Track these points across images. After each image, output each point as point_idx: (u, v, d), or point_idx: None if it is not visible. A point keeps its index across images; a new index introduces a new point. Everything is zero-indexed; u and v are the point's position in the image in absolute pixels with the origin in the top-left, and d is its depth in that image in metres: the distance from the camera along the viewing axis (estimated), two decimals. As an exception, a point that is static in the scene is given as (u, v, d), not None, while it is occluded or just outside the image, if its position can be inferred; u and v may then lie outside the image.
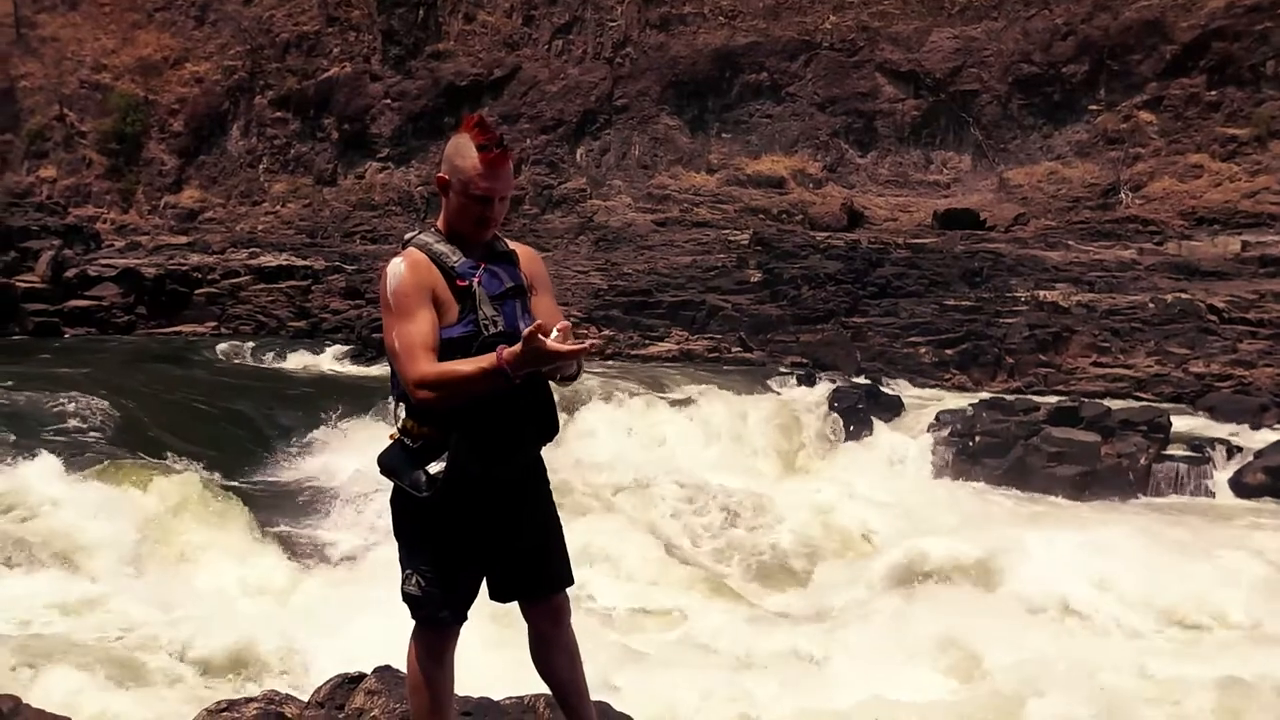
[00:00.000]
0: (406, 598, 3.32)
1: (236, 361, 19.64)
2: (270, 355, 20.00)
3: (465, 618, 3.37)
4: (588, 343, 3.00)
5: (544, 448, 3.41)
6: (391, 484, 3.26)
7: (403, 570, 3.31)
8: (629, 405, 15.32)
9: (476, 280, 3.15)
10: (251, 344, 20.82)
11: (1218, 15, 23.72)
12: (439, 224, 3.27)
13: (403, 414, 3.19)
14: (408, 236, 3.28)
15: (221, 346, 20.50)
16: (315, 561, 9.41)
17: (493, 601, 3.43)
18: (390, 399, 3.28)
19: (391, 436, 3.24)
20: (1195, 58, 23.98)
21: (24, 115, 30.20)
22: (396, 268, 3.15)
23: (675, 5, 27.95)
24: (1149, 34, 24.40)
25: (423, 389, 3.02)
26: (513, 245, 3.37)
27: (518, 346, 2.93)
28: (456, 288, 3.14)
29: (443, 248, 3.20)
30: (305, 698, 4.73)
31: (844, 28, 26.91)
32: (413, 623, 3.39)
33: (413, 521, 3.26)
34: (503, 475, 3.22)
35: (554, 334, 2.97)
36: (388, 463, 3.23)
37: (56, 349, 19.48)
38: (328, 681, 4.71)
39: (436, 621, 3.33)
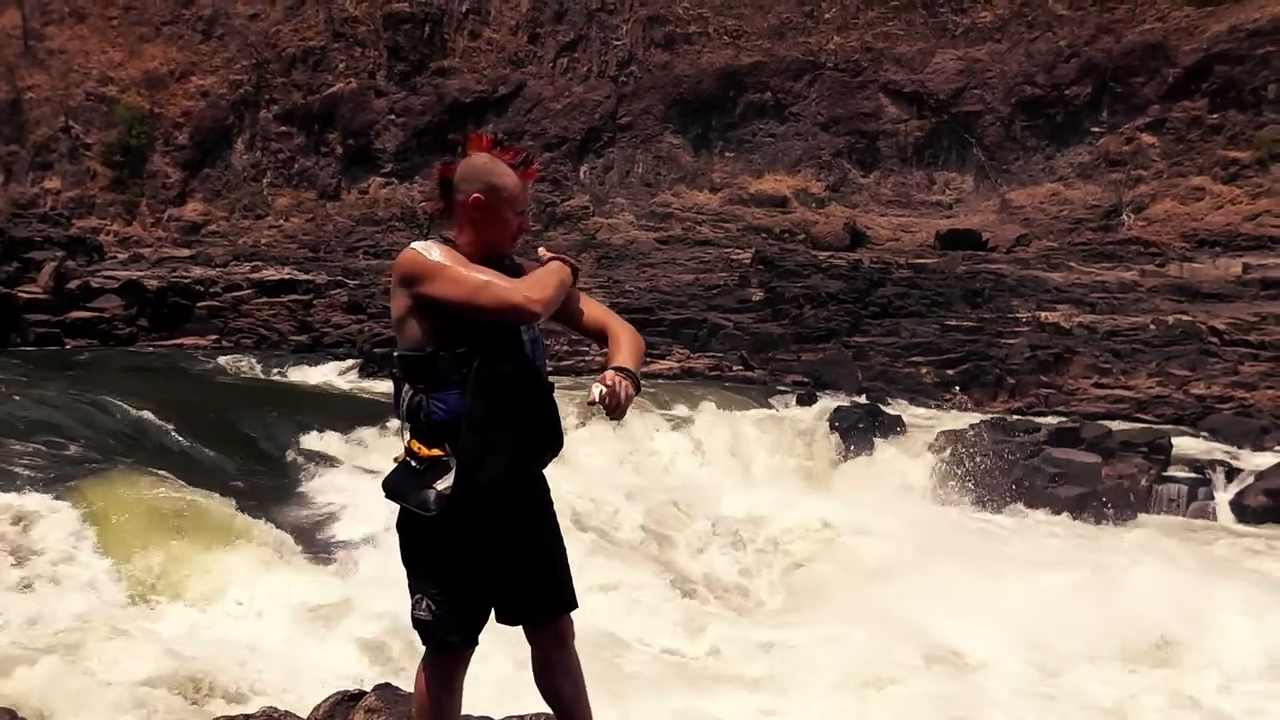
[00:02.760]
0: (417, 623, 3.28)
1: (237, 375, 19.62)
2: (271, 369, 19.98)
3: (476, 641, 3.33)
4: (598, 394, 3.07)
5: (549, 463, 3.41)
6: (398, 508, 3.25)
7: (412, 595, 3.27)
8: (628, 423, 15.28)
9: None
10: (253, 358, 20.80)
11: (1220, 39, 23.82)
12: (459, 241, 3.23)
13: (408, 436, 3.19)
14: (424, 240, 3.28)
15: (223, 360, 20.48)
16: (315, 575, 9.38)
17: (499, 624, 3.41)
18: (398, 420, 3.26)
19: (396, 459, 3.23)
20: (1197, 81, 24.09)
21: (30, 126, 30.33)
22: (425, 243, 3.20)
23: (680, 24, 28.08)
24: (1152, 57, 24.51)
25: (537, 295, 3.09)
26: (520, 260, 3.39)
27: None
28: None
29: (456, 254, 3.20)
30: (304, 714, 4.72)
31: (848, 48, 27.03)
32: (423, 647, 3.36)
33: (421, 544, 3.23)
34: (511, 490, 3.21)
35: (598, 390, 3.06)
36: (394, 486, 3.20)
37: (57, 360, 19.48)
38: (327, 698, 4.70)
39: (447, 646, 3.29)
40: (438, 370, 3.13)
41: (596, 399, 3.05)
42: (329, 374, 19.68)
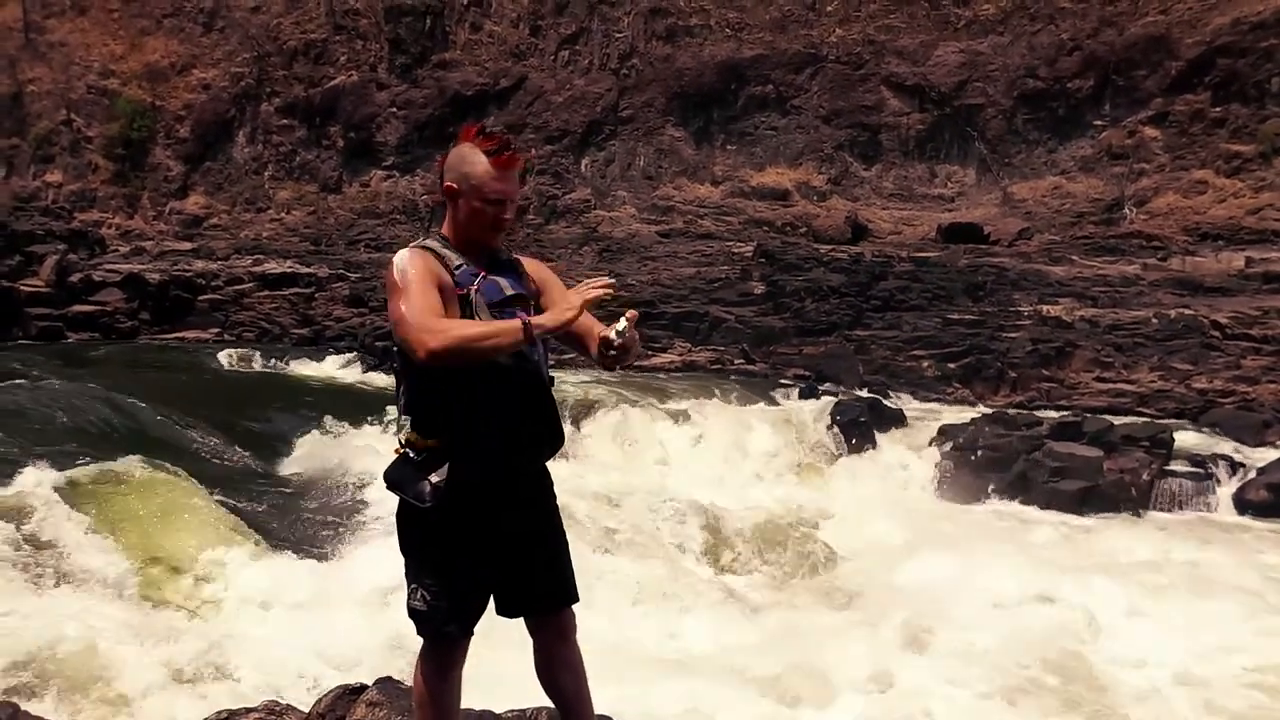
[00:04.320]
0: (412, 613, 3.30)
1: (239, 368, 19.64)
2: (273, 362, 20.00)
3: (472, 632, 3.35)
4: (620, 327, 3.09)
5: (549, 460, 3.41)
6: (397, 498, 3.26)
7: (408, 585, 3.30)
8: (630, 416, 15.30)
9: (474, 289, 3.17)
10: (254, 351, 20.81)
11: (1223, 32, 23.74)
12: (445, 232, 3.29)
13: (407, 427, 3.20)
14: (413, 244, 3.30)
15: (224, 353, 20.49)
16: (316, 568, 9.38)
17: (499, 617, 3.42)
18: (398, 412, 3.27)
19: (396, 451, 3.24)
20: (1200, 74, 24.01)
21: (31, 120, 30.30)
22: (406, 254, 3.20)
23: (681, 17, 28.01)
24: (1154, 50, 24.43)
25: (435, 337, 2.97)
26: (518, 256, 3.40)
27: (552, 317, 3.07)
28: (457, 295, 3.17)
29: (447, 253, 3.22)
30: (306, 708, 4.72)
31: (850, 41, 26.96)
32: (419, 639, 3.37)
33: (417, 535, 3.25)
34: (506, 484, 3.21)
35: (621, 324, 3.10)
36: (393, 477, 3.23)
37: (59, 354, 19.48)
38: (329, 692, 4.70)
39: (443, 636, 3.31)
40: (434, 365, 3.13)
41: (618, 332, 3.04)
42: (330, 367, 19.70)
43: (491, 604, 3.37)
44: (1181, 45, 24.19)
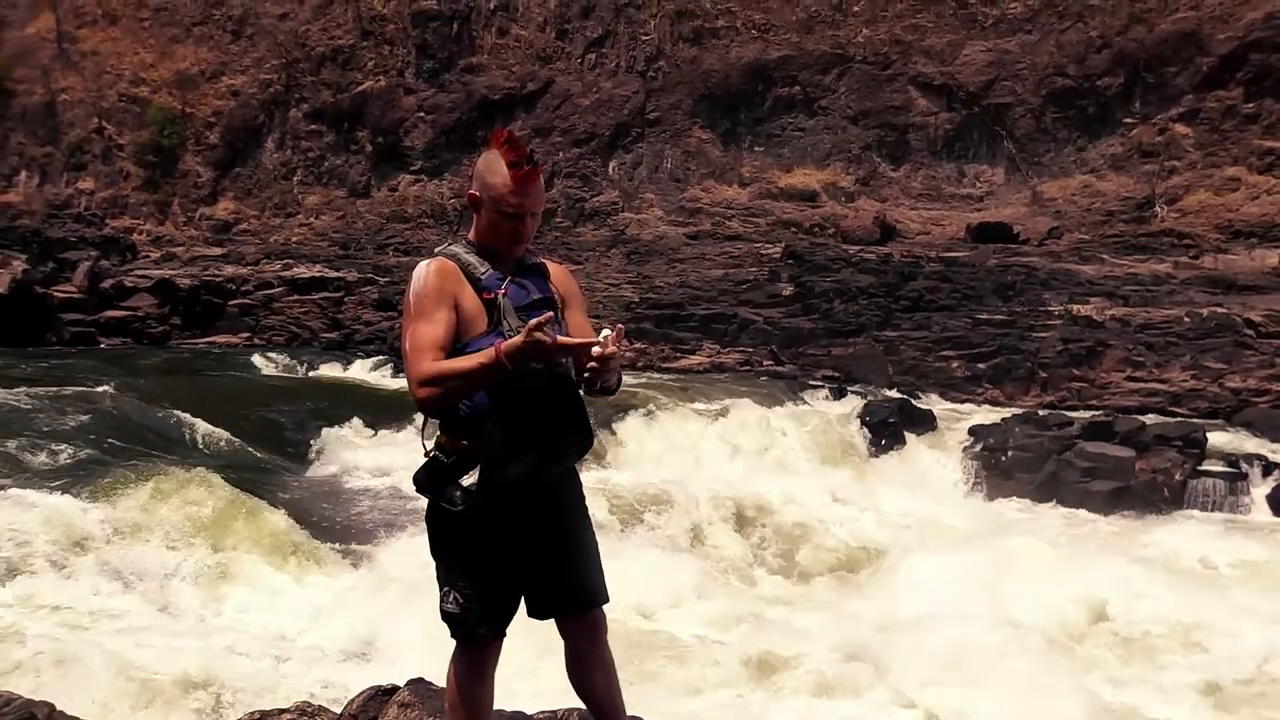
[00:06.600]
0: (445, 615, 3.30)
1: (269, 372, 19.76)
2: (303, 366, 20.11)
3: (505, 633, 3.35)
4: (601, 337, 2.98)
5: (578, 460, 3.42)
6: (427, 501, 3.27)
7: (440, 588, 3.30)
8: (660, 418, 15.30)
9: (502, 292, 3.17)
10: (284, 355, 20.95)
11: (1256, 27, 23.52)
12: (471, 237, 3.31)
13: (437, 430, 3.21)
14: (438, 250, 3.31)
15: (255, 357, 20.64)
16: (346, 572, 9.43)
17: (530, 618, 3.42)
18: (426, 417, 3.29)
19: (427, 454, 3.25)
20: (1232, 70, 23.79)
21: (64, 128, 30.62)
22: (422, 270, 3.20)
23: (708, 19, 28.01)
24: (1185, 46, 24.23)
25: (424, 386, 3.04)
26: (544, 260, 3.41)
27: (517, 338, 2.95)
28: (484, 300, 3.17)
29: (472, 259, 3.23)
30: (338, 709, 4.74)
31: (877, 41, 26.88)
32: (452, 640, 3.38)
33: (449, 537, 3.26)
34: (537, 486, 3.22)
35: (605, 334, 2.99)
36: (423, 479, 3.24)
37: (95, 359, 19.66)
38: (360, 693, 4.71)
39: (476, 638, 3.32)
40: None
41: (603, 340, 2.99)
42: (360, 371, 19.80)
43: (523, 606, 3.38)
44: (1213, 41, 23.98)
